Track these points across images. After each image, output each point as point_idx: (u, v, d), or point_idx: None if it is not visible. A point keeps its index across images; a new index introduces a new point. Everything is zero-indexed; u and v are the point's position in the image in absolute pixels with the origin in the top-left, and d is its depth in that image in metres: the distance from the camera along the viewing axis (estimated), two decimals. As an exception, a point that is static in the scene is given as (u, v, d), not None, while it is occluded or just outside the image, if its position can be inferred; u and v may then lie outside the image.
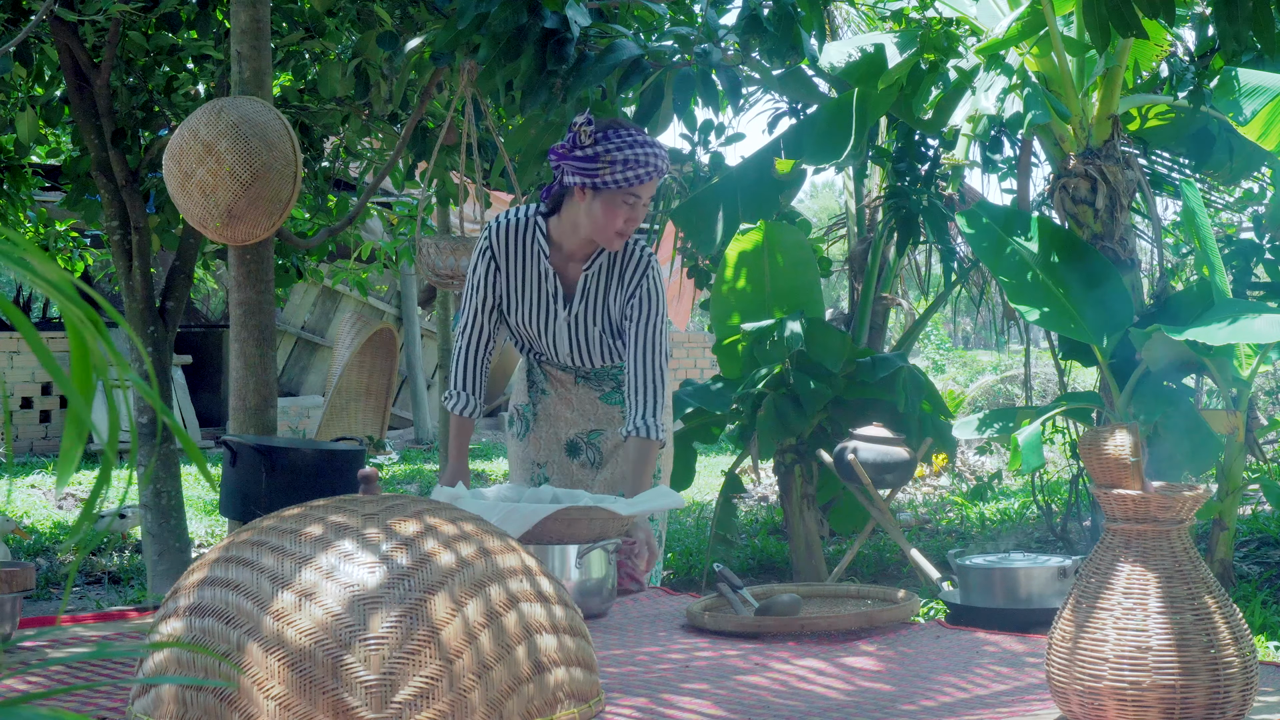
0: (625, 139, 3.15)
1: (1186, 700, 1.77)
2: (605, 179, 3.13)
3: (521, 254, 3.31)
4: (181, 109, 5.62)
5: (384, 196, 11.25)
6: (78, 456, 0.93)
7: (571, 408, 3.46)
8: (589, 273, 3.29)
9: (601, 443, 3.46)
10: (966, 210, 5.50)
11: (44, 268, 0.92)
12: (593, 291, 3.31)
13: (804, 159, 5.92)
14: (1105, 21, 2.73)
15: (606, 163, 3.12)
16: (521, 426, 3.52)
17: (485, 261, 3.32)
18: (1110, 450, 1.88)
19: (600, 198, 3.16)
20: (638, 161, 3.13)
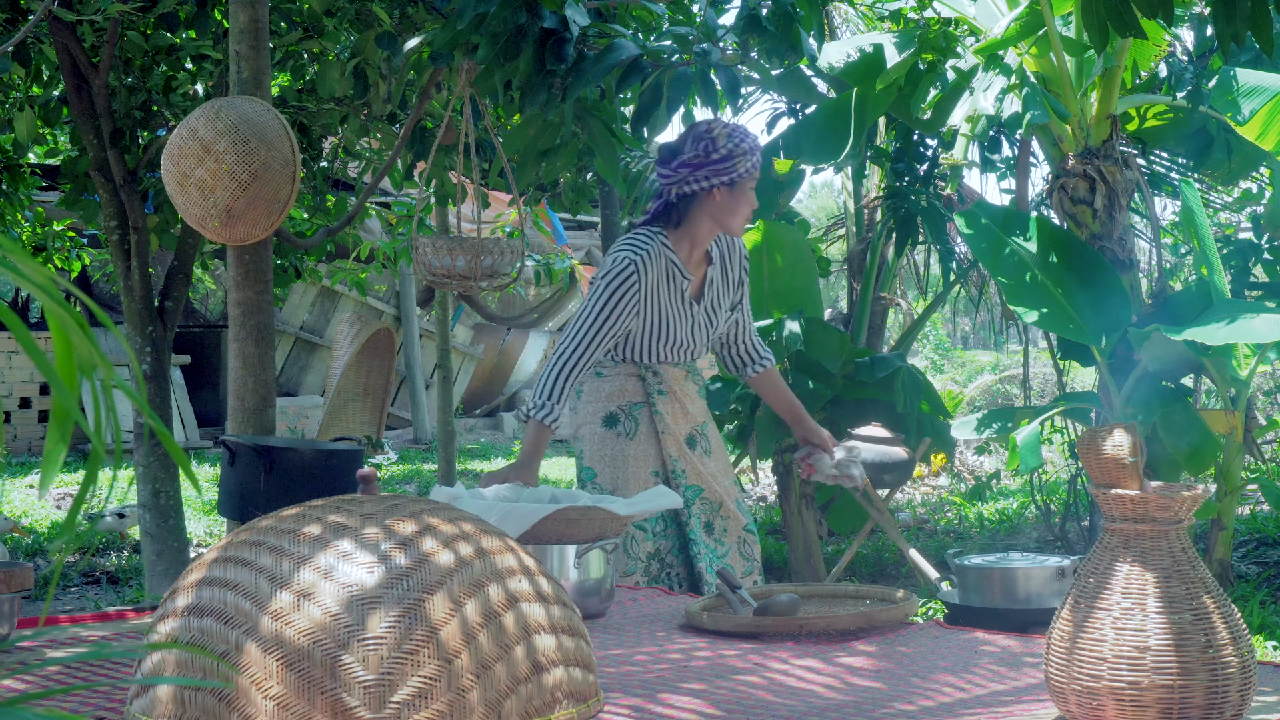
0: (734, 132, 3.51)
1: (1185, 700, 1.77)
2: (740, 171, 3.46)
3: (660, 272, 3.55)
4: (180, 109, 5.62)
5: (382, 196, 11.25)
6: (60, 459, 0.93)
7: (691, 402, 3.71)
8: (711, 270, 3.65)
9: (708, 432, 3.74)
10: (965, 211, 5.50)
11: (29, 269, 0.92)
12: (716, 283, 3.67)
13: (803, 159, 5.92)
14: (1104, 21, 2.73)
15: (740, 155, 3.46)
16: (630, 426, 3.63)
17: (631, 298, 3.51)
18: (1108, 450, 1.88)
19: (735, 191, 3.50)
20: (756, 149, 3.49)
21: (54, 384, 0.87)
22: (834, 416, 5.97)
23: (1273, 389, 11.21)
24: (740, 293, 3.74)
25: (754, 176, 3.51)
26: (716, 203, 3.51)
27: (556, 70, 4.11)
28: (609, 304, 3.48)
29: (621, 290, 3.49)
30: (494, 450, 13.54)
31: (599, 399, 3.65)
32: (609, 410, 3.64)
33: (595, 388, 3.66)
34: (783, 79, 6.04)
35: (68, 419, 0.91)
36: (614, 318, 3.49)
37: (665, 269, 3.55)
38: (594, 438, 3.64)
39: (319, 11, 5.16)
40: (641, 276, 3.50)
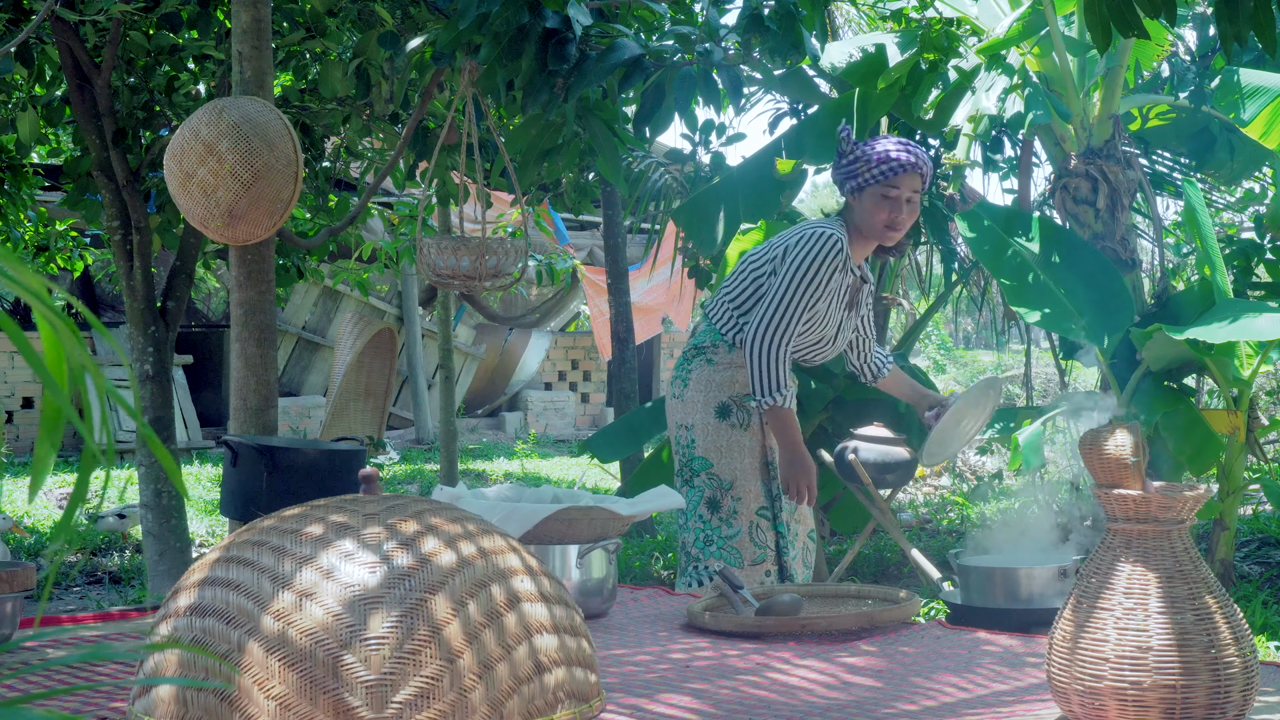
0: (879, 139, 3.62)
1: (1187, 700, 1.77)
2: (865, 177, 3.58)
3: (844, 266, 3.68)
4: (182, 109, 5.62)
5: (385, 196, 11.25)
6: (50, 462, 0.93)
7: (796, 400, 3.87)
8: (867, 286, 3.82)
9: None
10: (967, 212, 5.49)
11: (18, 273, 0.92)
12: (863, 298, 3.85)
13: (805, 159, 5.91)
14: (1106, 21, 2.73)
15: (864, 162, 3.58)
16: (743, 416, 3.71)
17: (836, 271, 3.63)
18: (1111, 450, 1.88)
19: (866, 195, 3.61)
20: (889, 155, 3.58)
21: (48, 385, 0.87)
22: (836, 416, 5.97)
23: (1275, 389, 11.20)
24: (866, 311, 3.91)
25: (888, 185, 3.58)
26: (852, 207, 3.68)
27: (559, 70, 4.11)
28: (817, 274, 3.59)
29: (829, 261, 3.59)
30: (496, 450, 13.53)
31: (710, 389, 3.71)
32: (721, 400, 3.70)
33: (705, 377, 3.72)
34: (785, 79, 6.03)
35: (58, 422, 0.91)
36: (818, 288, 3.59)
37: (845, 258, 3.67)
38: (708, 428, 3.70)
39: (321, 11, 5.16)
40: (845, 252, 3.63)
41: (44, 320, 0.91)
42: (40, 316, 0.92)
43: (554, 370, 16.16)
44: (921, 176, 3.65)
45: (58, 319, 0.91)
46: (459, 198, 6.42)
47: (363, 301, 14.20)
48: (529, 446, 13.78)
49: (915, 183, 3.63)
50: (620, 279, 8.18)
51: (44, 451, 0.92)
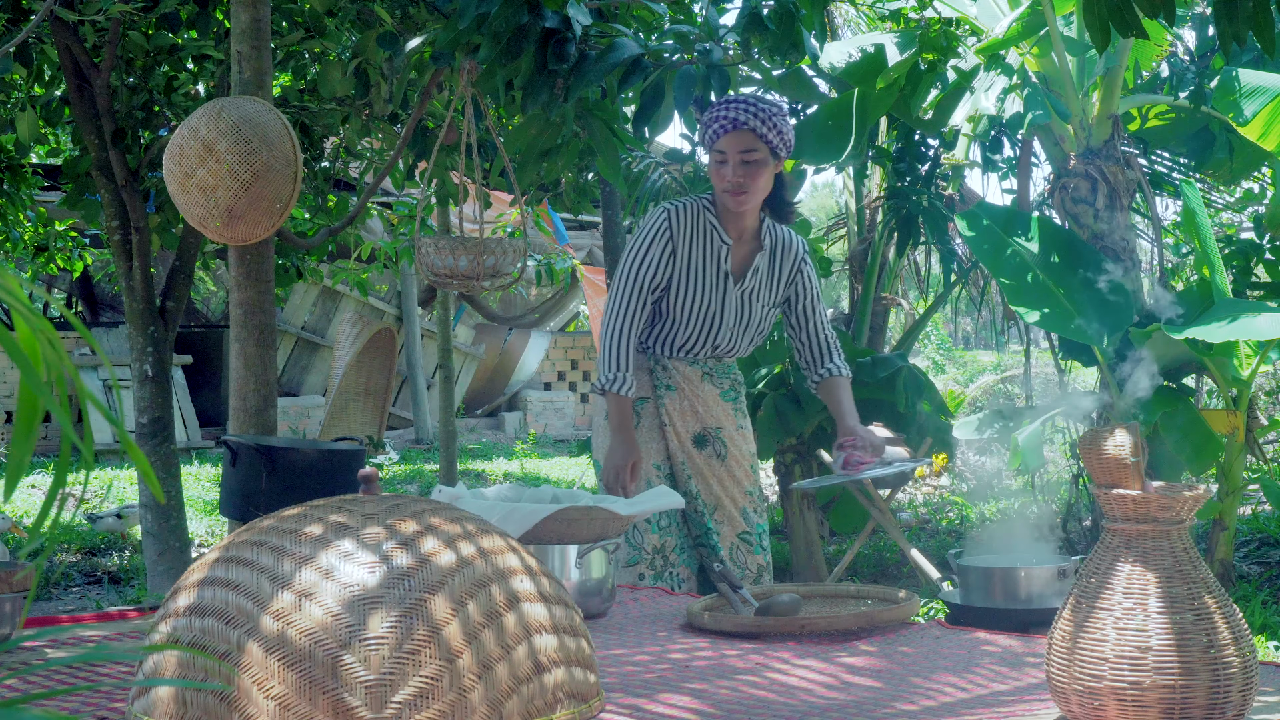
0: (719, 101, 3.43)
1: (1186, 700, 1.77)
2: (704, 143, 3.43)
3: (701, 236, 3.51)
4: (181, 109, 5.62)
5: (384, 196, 11.25)
6: (25, 462, 0.92)
7: (700, 403, 3.62)
8: (761, 257, 3.56)
9: (725, 436, 3.64)
10: (966, 212, 5.50)
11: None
12: (763, 269, 3.58)
13: (804, 159, 5.92)
14: (1105, 21, 2.73)
15: (701, 126, 3.43)
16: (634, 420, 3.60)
17: (662, 244, 3.49)
18: (1110, 450, 1.88)
19: (708, 162, 3.46)
20: (713, 118, 3.38)
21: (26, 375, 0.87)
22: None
23: (1274, 389, 11.20)
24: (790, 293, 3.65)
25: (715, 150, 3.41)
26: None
27: (558, 70, 4.11)
28: (643, 253, 3.48)
29: (653, 238, 3.48)
30: (495, 450, 13.53)
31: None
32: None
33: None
34: (784, 79, 6.04)
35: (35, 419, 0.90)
36: (647, 267, 3.47)
37: (703, 228, 3.51)
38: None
39: (320, 11, 5.16)
40: (674, 226, 3.48)
41: (22, 321, 0.91)
42: (19, 319, 0.92)
43: (553, 370, 16.16)
44: (754, 133, 3.37)
45: (37, 321, 0.91)
46: (458, 198, 6.42)
47: (362, 301, 14.20)
48: (528, 446, 13.78)
49: (745, 141, 3.38)
50: (620, 279, 8.16)
51: (20, 448, 0.92)
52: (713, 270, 3.51)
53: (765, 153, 3.39)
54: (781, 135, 3.40)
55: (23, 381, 0.92)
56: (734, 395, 3.70)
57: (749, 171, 3.39)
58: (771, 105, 3.41)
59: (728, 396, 3.67)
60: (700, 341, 3.58)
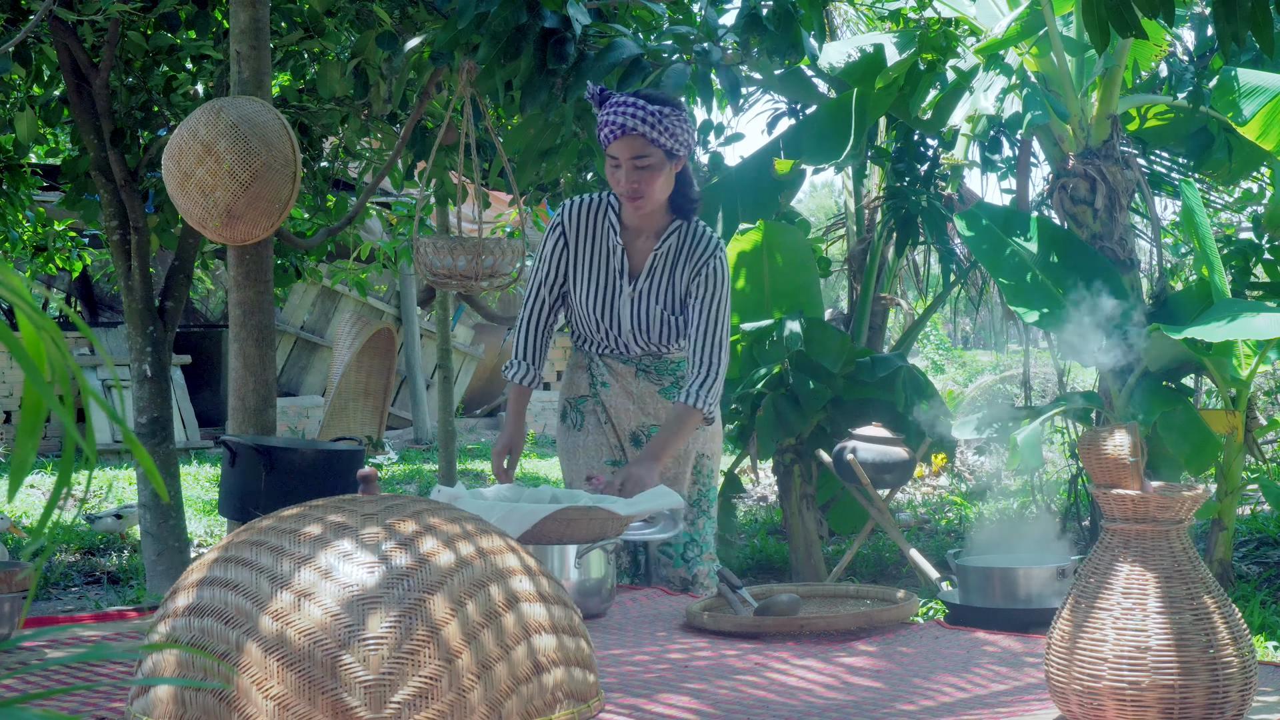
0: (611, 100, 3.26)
1: (1185, 700, 1.77)
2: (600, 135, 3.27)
3: (592, 232, 3.43)
4: (180, 109, 5.61)
5: (383, 196, 11.24)
6: (29, 462, 0.92)
7: (633, 400, 3.52)
8: (659, 251, 3.39)
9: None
10: (965, 212, 5.50)
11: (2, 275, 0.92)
12: (659, 270, 3.41)
13: (803, 159, 5.92)
14: (1104, 21, 2.73)
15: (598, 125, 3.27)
16: (577, 419, 3.57)
17: (555, 239, 3.45)
18: (1109, 450, 1.88)
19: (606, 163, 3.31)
20: (605, 122, 3.23)
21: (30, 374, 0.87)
22: (835, 416, 5.97)
23: (1273, 389, 11.20)
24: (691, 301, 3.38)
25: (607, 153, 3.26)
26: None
27: (557, 70, 4.11)
28: (541, 250, 3.46)
29: (548, 231, 3.46)
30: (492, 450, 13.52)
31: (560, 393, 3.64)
32: (562, 405, 3.61)
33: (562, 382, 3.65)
34: (783, 79, 6.04)
35: (39, 420, 0.90)
36: (544, 263, 3.45)
37: (599, 225, 3.41)
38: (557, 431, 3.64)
39: (319, 11, 5.16)
40: (566, 220, 3.43)
41: (26, 321, 0.91)
42: (22, 316, 0.92)
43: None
44: (645, 138, 3.19)
45: (40, 320, 0.91)
46: (457, 198, 6.42)
47: (361, 301, 14.20)
48: (528, 446, 13.78)
49: (636, 146, 3.21)
50: (619, 279, 8.16)
51: (24, 449, 0.92)
52: (604, 267, 3.42)
53: (659, 156, 3.23)
54: (675, 137, 3.23)
55: (27, 382, 0.92)
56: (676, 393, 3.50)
57: (642, 177, 3.24)
58: (664, 106, 3.24)
59: (668, 394, 3.50)
60: (605, 339, 3.49)
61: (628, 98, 3.24)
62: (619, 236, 3.40)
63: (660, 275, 3.41)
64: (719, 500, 6.44)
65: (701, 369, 3.36)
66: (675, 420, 3.34)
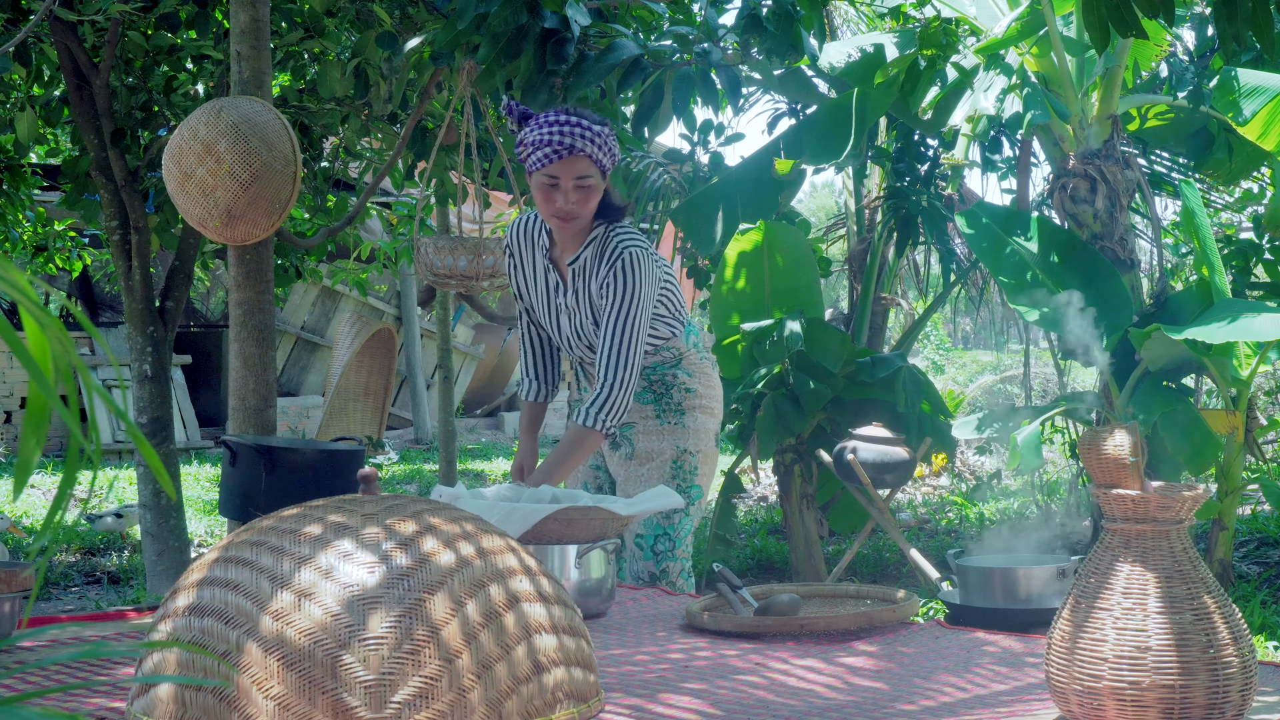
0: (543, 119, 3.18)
1: (1186, 700, 1.77)
2: (528, 163, 3.20)
3: (531, 249, 3.44)
4: (181, 109, 5.62)
5: (383, 196, 11.25)
6: (34, 461, 0.92)
7: None
8: (575, 266, 3.37)
9: (633, 436, 3.50)
10: (966, 210, 5.50)
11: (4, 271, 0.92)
12: (579, 283, 3.38)
13: (803, 159, 5.92)
14: (1105, 21, 2.73)
15: (524, 145, 3.19)
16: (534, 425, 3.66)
17: (508, 260, 3.50)
18: (1109, 450, 1.88)
19: (533, 183, 3.24)
20: (545, 141, 3.14)
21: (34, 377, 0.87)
22: (835, 416, 5.97)
23: (1274, 389, 11.20)
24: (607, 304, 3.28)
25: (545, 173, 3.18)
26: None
27: (557, 70, 4.11)
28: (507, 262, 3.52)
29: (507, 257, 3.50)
30: (495, 450, 13.53)
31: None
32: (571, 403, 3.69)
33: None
34: (783, 79, 6.04)
35: (44, 416, 0.90)
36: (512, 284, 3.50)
37: (535, 242, 3.43)
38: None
39: (320, 11, 5.16)
40: (512, 239, 3.46)
41: (31, 318, 0.91)
42: (26, 315, 0.92)
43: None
44: (590, 158, 3.16)
45: (45, 317, 0.91)
46: (457, 198, 6.43)
47: (361, 301, 14.20)
48: (528, 447, 13.74)
49: (580, 167, 3.16)
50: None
51: (29, 449, 0.92)
52: (545, 284, 3.44)
53: (598, 175, 3.20)
54: (612, 154, 3.22)
55: (32, 383, 0.92)
56: (652, 397, 3.46)
57: (583, 197, 3.20)
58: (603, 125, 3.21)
59: (644, 399, 3.45)
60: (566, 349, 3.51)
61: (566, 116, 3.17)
62: (548, 255, 3.41)
63: (582, 288, 3.36)
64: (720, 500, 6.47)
65: (604, 385, 3.23)
66: (568, 443, 3.25)
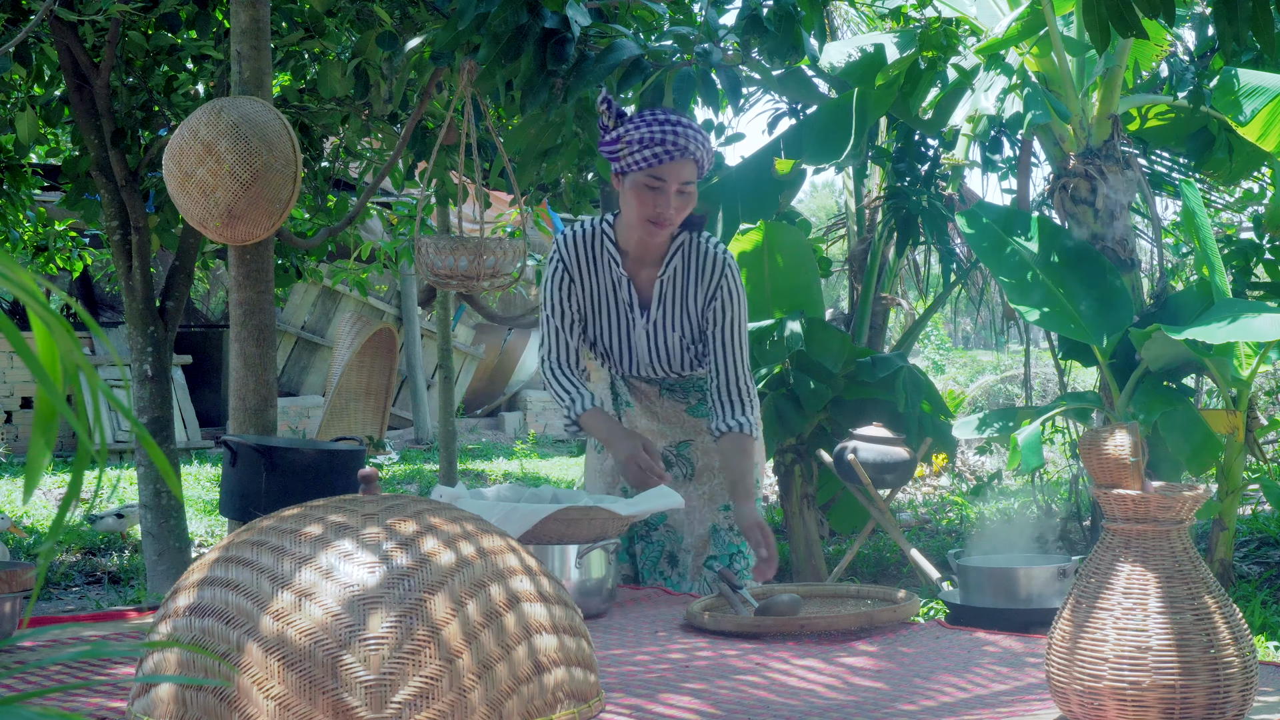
0: (646, 118, 3.03)
1: (1186, 700, 1.77)
2: (626, 162, 3.03)
3: (593, 264, 3.20)
4: (181, 109, 5.62)
5: (384, 196, 11.25)
6: (44, 463, 0.92)
7: (658, 420, 3.35)
8: (664, 278, 3.17)
9: (691, 454, 3.34)
10: (966, 210, 5.50)
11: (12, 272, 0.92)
12: (670, 297, 3.19)
13: (804, 159, 5.92)
14: (1105, 21, 2.73)
15: (625, 144, 3.02)
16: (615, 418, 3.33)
17: (559, 277, 3.20)
18: (1110, 450, 1.88)
19: (628, 183, 3.05)
20: (655, 140, 2.98)
21: (41, 380, 0.87)
22: (835, 416, 5.97)
23: (1274, 389, 11.20)
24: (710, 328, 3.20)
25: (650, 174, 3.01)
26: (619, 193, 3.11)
27: (558, 70, 4.11)
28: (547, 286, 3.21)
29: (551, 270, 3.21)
30: (495, 450, 13.54)
31: None
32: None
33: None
34: (784, 79, 6.04)
35: (52, 418, 0.90)
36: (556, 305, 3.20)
37: (599, 256, 3.19)
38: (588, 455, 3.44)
39: (320, 11, 5.16)
40: (566, 255, 3.18)
41: (37, 318, 0.91)
42: (34, 315, 0.92)
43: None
44: (696, 163, 3.03)
45: (52, 317, 0.91)
46: (458, 198, 6.43)
47: (362, 301, 14.21)
48: (528, 446, 13.78)
49: (687, 171, 3.02)
50: (619, 279, 8.17)
51: (38, 450, 0.92)
52: (614, 302, 3.21)
53: (696, 182, 3.08)
54: (711, 161, 3.10)
55: (39, 385, 0.91)
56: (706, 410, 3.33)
57: (683, 203, 3.06)
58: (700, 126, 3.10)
59: (698, 412, 3.34)
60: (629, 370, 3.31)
61: (674, 116, 3.03)
62: (621, 267, 3.19)
63: (672, 303, 3.20)
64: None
65: (734, 397, 3.20)
66: (740, 453, 3.18)
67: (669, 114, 3.04)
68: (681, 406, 3.35)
